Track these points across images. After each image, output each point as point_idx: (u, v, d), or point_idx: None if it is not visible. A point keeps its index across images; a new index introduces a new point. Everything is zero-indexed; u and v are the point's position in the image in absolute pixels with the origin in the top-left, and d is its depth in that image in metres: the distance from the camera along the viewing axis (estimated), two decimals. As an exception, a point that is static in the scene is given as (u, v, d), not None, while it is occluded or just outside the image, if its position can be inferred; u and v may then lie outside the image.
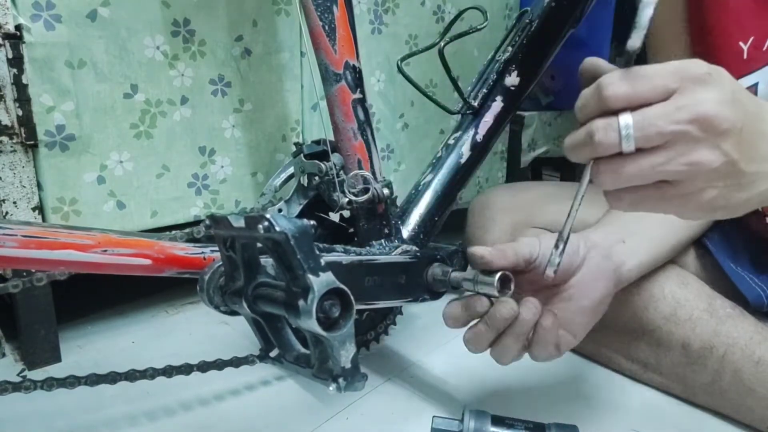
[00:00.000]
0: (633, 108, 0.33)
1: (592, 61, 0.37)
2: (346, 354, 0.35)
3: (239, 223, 0.36)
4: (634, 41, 0.34)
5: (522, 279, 0.49)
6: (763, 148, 0.35)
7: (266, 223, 0.33)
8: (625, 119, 0.33)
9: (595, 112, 0.35)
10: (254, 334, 0.45)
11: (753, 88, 0.58)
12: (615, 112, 0.34)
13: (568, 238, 0.41)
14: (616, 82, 0.33)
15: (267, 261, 0.40)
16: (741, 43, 0.59)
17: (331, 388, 0.35)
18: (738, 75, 0.59)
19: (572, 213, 0.40)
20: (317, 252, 0.34)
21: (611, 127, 0.34)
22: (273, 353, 0.43)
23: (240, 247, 0.39)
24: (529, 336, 0.47)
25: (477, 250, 0.47)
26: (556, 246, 0.41)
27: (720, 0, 0.60)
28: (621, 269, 0.53)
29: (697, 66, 0.34)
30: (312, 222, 0.35)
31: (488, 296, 0.48)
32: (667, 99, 0.33)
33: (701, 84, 0.33)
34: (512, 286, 0.47)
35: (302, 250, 0.34)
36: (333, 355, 0.35)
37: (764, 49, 0.58)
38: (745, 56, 0.59)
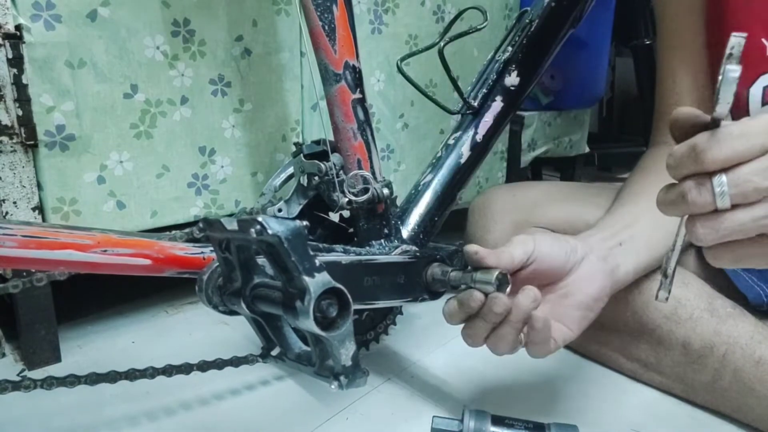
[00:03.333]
0: (727, 168, 0.33)
1: (687, 113, 0.35)
2: (346, 352, 0.35)
3: (233, 226, 0.36)
4: (722, 109, 0.33)
5: (517, 277, 0.49)
6: None
7: (259, 227, 0.33)
8: (720, 179, 0.33)
9: (689, 173, 0.34)
10: (255, 333, 0.45)
11: None
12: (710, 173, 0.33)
13: (675, 270, 0.41)
14: (714, 146, 0.33)
15: (264, 261, 0.40)
16: (764, 40, 0.59)
17: (332, 386, 0.36)
18: (760, 72, 0.59)
19: (676, 248, 0.40)
20: (312, 252, 0.34)
21: (705, 189, 0.33)
22: (274, 352, 0.43)
23: (235, 249, 0.39)
24: (525, 328, 0.47)
25: (471, 246, 0.48)
26: (665, 275, 0.41)
27: None
28: (617, 271, 0.53)
29: None
30: (305, 222, 0.35)
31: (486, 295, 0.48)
32: (763, 155, 0.32)
33: None
34: (509, 286, 0.47)
35: (296, 251, 0.34)
36: (333, 354, 0.35)
37: None
38: (767, 53, 0.59)
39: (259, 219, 0.33)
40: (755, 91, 0.59)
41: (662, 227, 0.59)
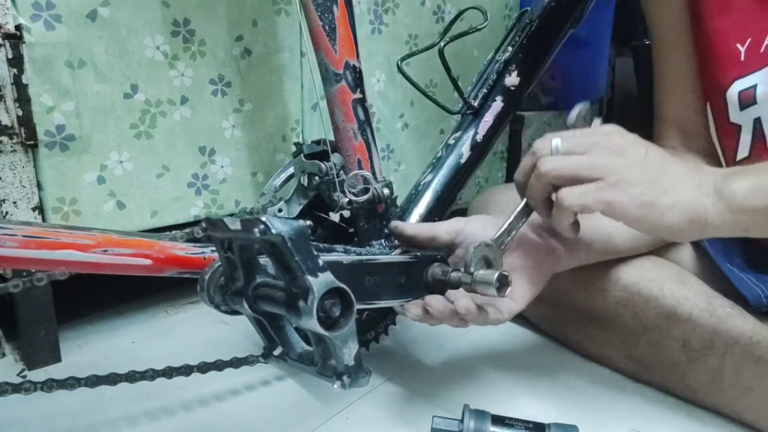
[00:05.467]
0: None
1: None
2: (348, 352, 0.35)
3: (235, 225, 0.36)
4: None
5: (456, 255, 0.55)
6: (676, 173, 0.45)
7: (262, 226, 0.33)
8: (555, 139, 0.47)
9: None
10: (257, 332, 0.45)
11: (751, 90, 0.58)
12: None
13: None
14: (548, 161, 0.47)
15: (267, 261, 0.40)
16: (738, 45, 0.59)
17: (335, 386, 0.36)
18: (735, 77, 0.60)
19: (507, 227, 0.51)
20: (315, 252, 0.34)
21: (545, 139, 0.48)
22: (276, 352, 0.43)
23: (238, 249, 0.39)
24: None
25: (393, 223, 0.56)
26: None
27: (721, 1, 0.61)
28: (561, 248, 0.56)
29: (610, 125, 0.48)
30: (308, 222, 0.35)
31: (488, 295, 0.48)
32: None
33: (609, 126, 0.48)
34: (510, 285, 0.47)
35: (300, 251, 0.33)
36: (336, 354, 0.35)
37: (761, 51, 0.58)
38: (742, 58, 0.59)
39: (263, 218, 0.33)
40: (731, 96, 0.60)
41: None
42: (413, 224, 0.56)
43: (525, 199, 0.51)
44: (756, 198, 0.43)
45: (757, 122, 0.59)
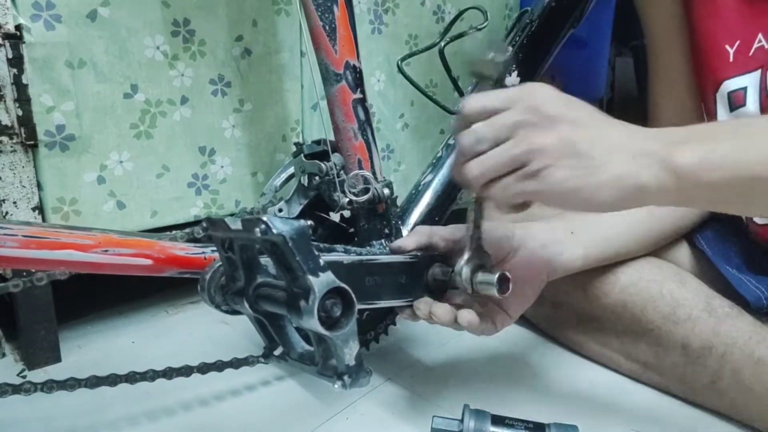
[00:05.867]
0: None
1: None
2: (349, 351, 0.35)
3: (236, 225, 0.36)
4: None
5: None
6: (608, 141, 0.41)
7: (263, 226, 0.33)
8: (478, 125, 0.43)
9: (460, 128, 0.44)
10: (257, 332, 0.45)
11: (741, 92, 0.59)
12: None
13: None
14: (470, 100, 0.43)
15: (267, 261, 0.40)
16: (727, 46, 0.60)
17: (336, 386, 0.36)
18: (724, 77, 0.60)
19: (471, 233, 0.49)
20: (316, 252, 0.34)
21: (469, 131, 0.43)
22: (277, 351, 0.43)
23: (238, 249, 0.39)
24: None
25: (394, 244, 0.55)
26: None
27: (710, 3, 0.61)
28: (558, 259, 0.56)
29: (538, 84, 0.43)
30: (309, 222, 0.35)
31: (488, 297, 0.49)
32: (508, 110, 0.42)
33: (534, 88, 0.42)
34: (510, 286, 0.47)
35: (301, 251, 0.34)
36: (337, 354, 0.35)
37: (750, 54, 0.58)
38: (731, 59, 0.59)
39: (264, 218, 0.33)
40: (722, 96, 0.60)
41: (623, 222, 0.60)
42: (411, 238, 0.54)
43: (474, 198, 0.49)
44: (705, 172, 0.39)
45: None
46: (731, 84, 0.59)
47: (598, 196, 0.40)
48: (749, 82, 0.58)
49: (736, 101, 0.59)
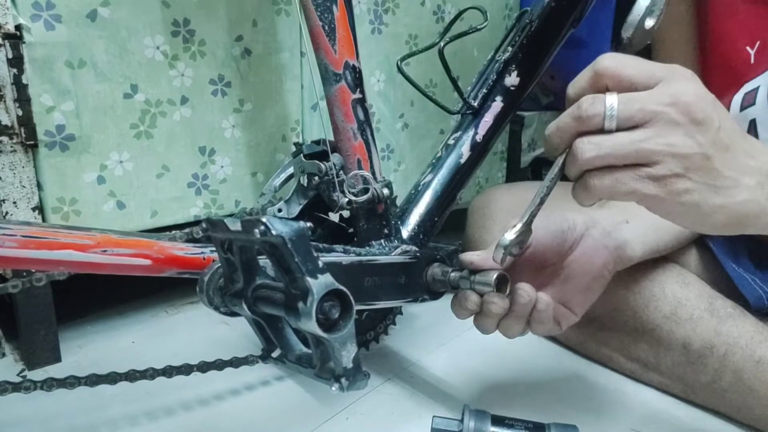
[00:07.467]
0: (620, 92, 0.37)
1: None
2: (347, 354, 0.35)
3: (236, 226, 0.36)
4: (627, 31, 0.37)
5: (519, 261, 0.49)
6: (742, 160, 0.37)
7: (263, 227, 0.33)
8: (611, 98, 0.36)
9: (586, 89, 0.38)
10: (255, 334, 0.45)
11: (754, 92, 0.58)
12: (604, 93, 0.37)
13: (525, 228, 0.43)
14: (607, 58, 0.38)
15: (266, 262, 0.40)
16: (748, 48, 0.59)
17: (333, 388, 0.36)
18: (745, 80, 0.59)
19: (537, 201, 0.42)
20: (315, 253, 0.34)
21: (598, 100, 0.37)
22: (275, 353, 0.43)
23: (238, 250, 0.39)
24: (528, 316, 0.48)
25: (466, 257, 0.49)
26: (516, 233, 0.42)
27: (727, 4, 0.60)
28: (624, 247, 0.53)
29: (684, 68, 0.37)
30: (309, 224, 0.35)
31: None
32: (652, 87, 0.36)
33: (685, 79, 0.36)
34: (509, 286, 0.47)
35: (300, 252, 0.33)
36: (334, 356, 0.35)
37: None
38: (752, 60, 0.59)
39: (263, 220, 0.33)
40: (737, 98, 0.60)
41: None
42: (484, 259, 0.48)
43: (559, 164, 0.41)
44: None
45: (752, 124, 0.59)
46: (749, 86, 0.59)
47: (715, 217, 0.37)
48: (762, 81, 0.58)
49: (746, 100, 0.59)
